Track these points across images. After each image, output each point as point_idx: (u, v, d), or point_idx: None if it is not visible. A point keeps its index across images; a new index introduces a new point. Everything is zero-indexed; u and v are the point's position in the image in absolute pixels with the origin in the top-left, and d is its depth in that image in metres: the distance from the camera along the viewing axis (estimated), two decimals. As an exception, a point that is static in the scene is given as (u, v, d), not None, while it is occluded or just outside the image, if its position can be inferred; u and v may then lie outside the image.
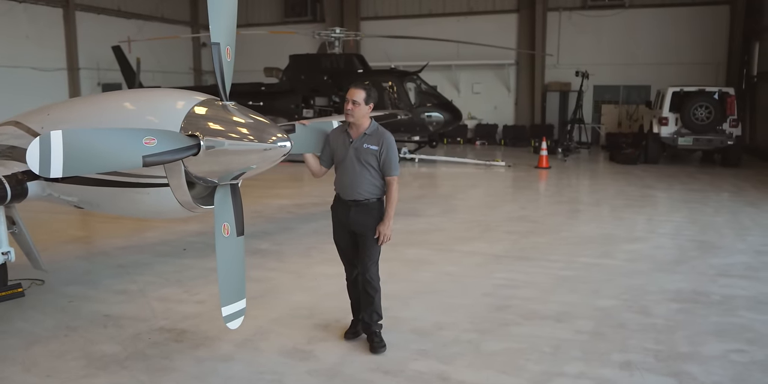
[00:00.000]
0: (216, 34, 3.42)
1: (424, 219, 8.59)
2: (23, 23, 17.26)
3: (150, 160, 3.19)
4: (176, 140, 3.30)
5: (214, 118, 3.46)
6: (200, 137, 3.39)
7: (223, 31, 3.46)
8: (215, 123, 3.44)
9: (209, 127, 3.42)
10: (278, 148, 3.39)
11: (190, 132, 3.42)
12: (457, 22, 20.42)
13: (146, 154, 3.16)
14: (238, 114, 3.48)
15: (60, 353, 4.16)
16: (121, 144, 3.10)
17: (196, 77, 24.04)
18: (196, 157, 3.40)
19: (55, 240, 7.27)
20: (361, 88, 4.02)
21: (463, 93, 21.02)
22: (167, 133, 3.31)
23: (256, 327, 4.59)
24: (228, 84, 3.54)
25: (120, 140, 3.11)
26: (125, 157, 3.12)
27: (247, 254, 6.70)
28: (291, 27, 20.54)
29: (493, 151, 17.99)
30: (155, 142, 3.20)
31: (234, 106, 3.52)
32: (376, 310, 4.22)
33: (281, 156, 3.44)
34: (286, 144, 3.40)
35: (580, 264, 6.32)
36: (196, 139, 3.39)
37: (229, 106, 3.51)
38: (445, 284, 5.67)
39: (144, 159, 3.15)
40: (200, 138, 3.39)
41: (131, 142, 3.13)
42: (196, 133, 3.39)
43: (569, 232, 7.83)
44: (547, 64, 19.77)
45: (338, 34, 15.50)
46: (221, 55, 3.46)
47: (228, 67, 3.52)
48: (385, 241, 4.15)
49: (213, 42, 3.42)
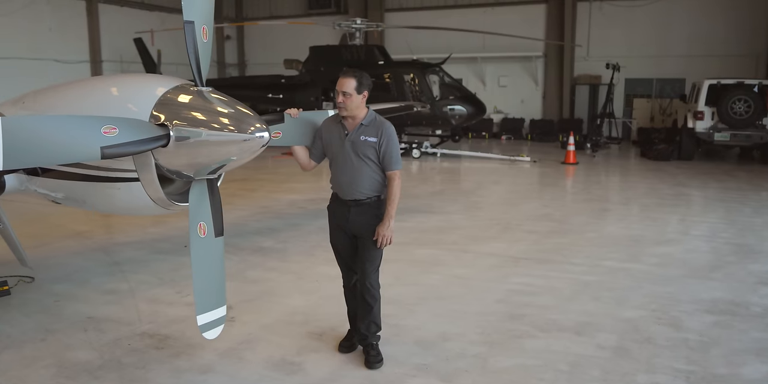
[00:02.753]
0: (189, 11, 3.04)
1: (439, 216, 8.15)
2: (46, 15, 17.23)
3: (110, 152, 2.83)
4: (141, 130, 2.94)
5: (187, 105, 3.09)
6: (169, 126, 3.03)
7: (198, 8, 3.08)
8: (188, 111, 3.07)
9: (181, 115, 3.05)
10: (256, 139, 3.00)
11: (161, 120, 3.06)
12: (484, 13, 19.81)
13: (105, 144, 2.80)
14: (214, 101, 3.10)
15: (32, 360, 3.86)
16: (75, 133, 2.75)
17: (219, 70, 23.87)
18: (166, 148, 3.04)
19: (55, 235, 7.04)
20: (351, 76, 3.59)
21: (489, 86, 20.44)
22: (131, 121, 2.95)
23: (245, 334, 4.24)
24: (205, 67, 3.16)
25: (74, 129, 2.75)
26: (80, 148, 2.76)
27: (249, 253, 6.47)
28: (314, 19, 20.17)
29: (518, 146, 17.39)
30: (116, 131, 2.84)
31: (211, 93, 3.15)
32: (374, 321, 3.82)
33: (260, 147, 3.05)
34: (264, 134, 3.01)
35: (605, 268, 5.83)
36: (165, 128, 3.03)
37: (205, 93, 3.13)
38: (455, 289, 5.24)
39: (102, 150, 2.80)
40: (169, 127, 3.03)
41: (88, 131, 2.77)
42: (165, 122, 3.03)
43: (594, 232, 7.32)
44: (577, 57, 19.05)
45: (359, 24, 15.06)
46: (195, 35, 3.08)
47: (204, 48, 3.14)
48: (386, 244, 3.74)
49: (186, 20, 3.04)
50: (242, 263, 6.01)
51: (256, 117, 3.07)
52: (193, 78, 3.14)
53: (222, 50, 23.87)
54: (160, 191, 3.28)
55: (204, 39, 3.14)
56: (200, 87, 3.14)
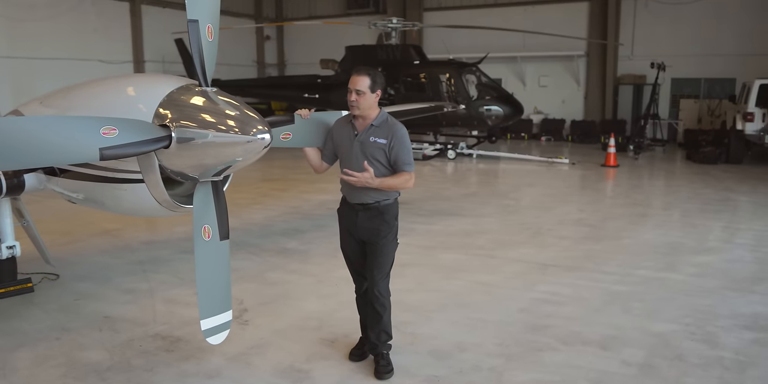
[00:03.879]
0: (194, 10, 2.96)
1: (468, 219, 7.95)
2: (91, 17, 17.68)
3: (109, 153, 2.78)
4: (142, 131, 2.88)
5: (190, 105, 3.02)
6: (171, 127, 2.96)
7: (203, 7, 3.00)
8: (191, 111, 2.99)
9: (184, 115, 2.98)
10: (258, 141, 2.91)
11: (163, 121, 3.00)
12: (524, 11, 19.40)
13: (104, 146, 2.75)
14: (218, 102, 3.02)
15: (44, 358, 3.87)
16: (73, 134, 2.70)
17: (259, 70, 24.12)
18: (168, 149, 2.98)
19: (85, 232, 7.15)
20: (364, 74, 3.47)
21: (529, 86, 20.01)
22: (132, 122, 2.90)
23: (256, 338, 4.17)
24: (210, 67, 3.08)
25: (73, 130, 2.71)
26: (78, 148, 2.72)
27: (272, 254, 6.41)
28: (351, 19, 20.14)
29: (558, 148, 16.96)
30: (116, 132, 2.79)
31: (215, 93, 3.07)
32: (384, 330, 3.68)
33: (262, 149, 2.96)
34: (266, 136, 2.91)
35: (638, 277, 5.54)
36: (167, 129, 2.97)
37: (210, 93, 3.06)
38: (477, 296, 5.06)
39: (101, 151, 2.75)
40: (171, 128, 2.96)
41: (86, 132, 2.73)
42: (167, 123, 2.97)
43: (630, 238, 7.00)
44: (620, 56, 18.45)
45: (395, 24, 14.92)
46: (200, 34, 3.00)
47: (210, 47, 3.07)
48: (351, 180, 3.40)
49: (190, 19, 2.97)
50: (264, 264, 5.96)
51: (259, 118, 2.97)
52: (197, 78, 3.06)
53: (262, 50, 24.10)
54: (164, 193, 3.22)
55: (209, 38, 3.06)
56: (204, 87, 3.07)
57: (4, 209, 4.81)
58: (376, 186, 3.45)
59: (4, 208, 4.81)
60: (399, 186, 3.54)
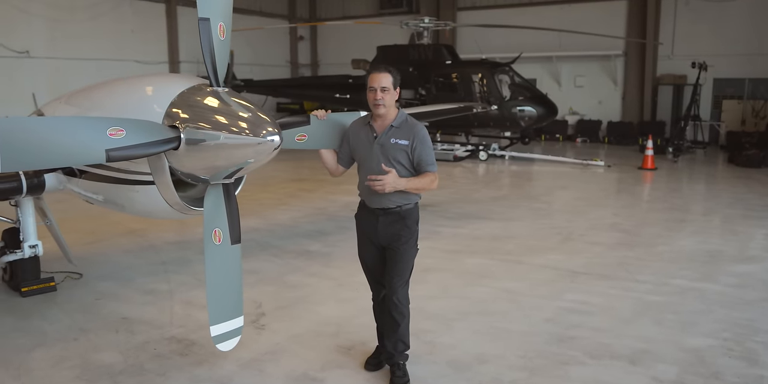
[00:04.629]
0: (205, 8, 2.88)
1: (497, 223, 7.75)
2: (129, 18, 17.97)
3: (115, 155, 2.72)
4: (150, 132, 2.82)
5: (201, 106, 2.94)
6: (180, 128, 2.89)
7: (214, 5, 2.92)
8: (201, 112, 2.92)
9: (193, 116, 2.90)
10: (267, 143, 2.81)
11: (174, 122, 2.93)
12: (560, 10, 18.98)
13: (110, 147, 2.69)
14: (229, 102, 2.93)
15: (59, 359, 3.86)
16: (80, 135, 2.65)
17: (292, 70, 24.21)
18: (177, 151, 2.90)
19: (111, 231, 7.20)
20: (385, 70, 3.36)
21: (565, 86, 19.57)
22: (141, 123, 2.83)
23: (272, 344, 4.08)
24: (222, 66, 3.00)
25: (79, 131, 2.65)
26: (84, 150, 2.67)
27: (294, 256, 6.33)
28: (383, 19, 20.04)
29: (594, 150, 16.53)
30: (123, 133, 2.73)
31: (227, 93, 2.98)
32: (401, 339, 3.55)
33: (272, 151, 2.86)
34: (275, 138, 2.81)
35: (673, 287, 5.28)
36: (176, 130, 2.89)
37: (221, 93, 2.97)
38: (501, 304, 4.88)
39: (107, 153, 2.69)
40: (180, 129, 2.89)
41: (93, 133, 2.67)
42: (176, 124, 2.90)
43: (666, 245, 6.71)
44: (660, 55, 17.89)
45: (426, 23, 14.75)
46: (211, 33, 2.92)
47: (221, 46, 2.98)
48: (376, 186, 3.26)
49: (201, 17, 2.89)
50: (285, 267, 5.88)
51: (270, 119, 2.87)
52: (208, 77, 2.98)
53: (295, 51, 24.19)
54: (175, 195, 3.15)
55: (221, 37, 2.98)
56: (216, 87, 2.98)
57: (27, 209, 4.85)
58: (402, 187, 3.32)
59: (27, 208, 4.84)
60: (425, 187, 3.41)
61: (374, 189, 3.30)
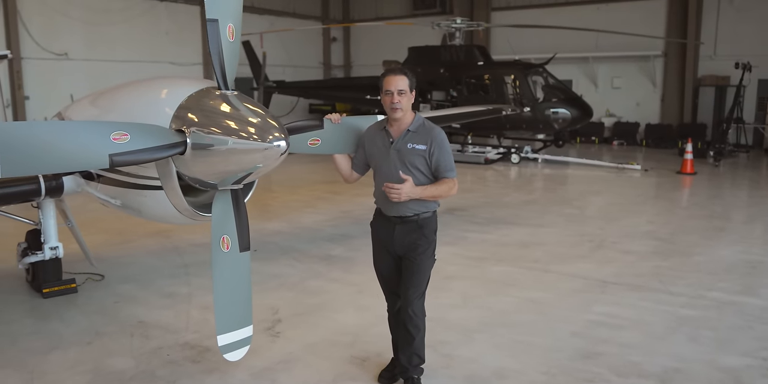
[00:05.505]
0: (213, 9, 2.80)
1: (525, 229, 7.52)
2: (163, 20, 18.25)
3: (119, 160, 2.65)
4: (156, 136, 2.74)
5: (208, 110, 2.85)
6: (186, 133, 2.81)
7: (223, 6, 2.83)
8: (209, 116, 2.83)
9: (200, 120, 2.82)
10: (274, 148, 2.71)
11: (181, 126, 2.85)
12: (597, 10, 18.53)
13: (114, 152, 2.63)
14: (236, 106, 2.84)
15: (73, 363, 3.84)
16: (83, 140, 2.59)
17: (325, 71, 24.26)
18: (184, 156, 2.82)
19: (139, 232, 7.22)
20: (401, 73, 3.25)
21: (602, 88, 19.09)
22: (147, 127, 2.76)
23: (285, 352, 3.99)
24: (231, 69, 2.91)
25: (82, 136, 2.59)
26: (87, 154, 2.60)
27: (316, 260, 6.24)
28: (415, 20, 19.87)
29: (631, 153, 16.07)
30: (128, 138, 2.66)
31: (235, 96, 2.89)
32: (416, 352, 3.41)
33: (278, 156, 2.76)
34: (281, 143, 2.71)
35: (710, 301, 5.00)
36: (182, 135, 2.81)
37: (230, 96, 2.88)
38: (526, 315, 4.69)
39: (111, 158, 2.62)
40: (187, 134, 2.80)
41: (96, 137, 2.61)
42: (183, 128, 2.82)
43: (704, 255, 6.39)
44: (702, 55, 17.28)
45: (459, 24, 14.55)
46: (220, 35, 2.83)
47: (231, 48, 2.89)
48: (392, 194, 3.16)
49: (209, 18, 2.80)
50: (306, 272, 5.80)
51: (277, 124, 2.77)
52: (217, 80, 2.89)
53: (328, 52, 24.23)
54: (183, 201, 3.08)
55: (230, 39, 2.88)
56: (225, 90, 2.89)
57: (48, 210, 4.87)
58: (418, 196, 3.20)
59: (49, 210, 4.86)
60: (443, 194, 3.27)
61: (390, 198, 3.18)
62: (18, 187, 4.15)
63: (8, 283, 5.38)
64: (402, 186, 3.15)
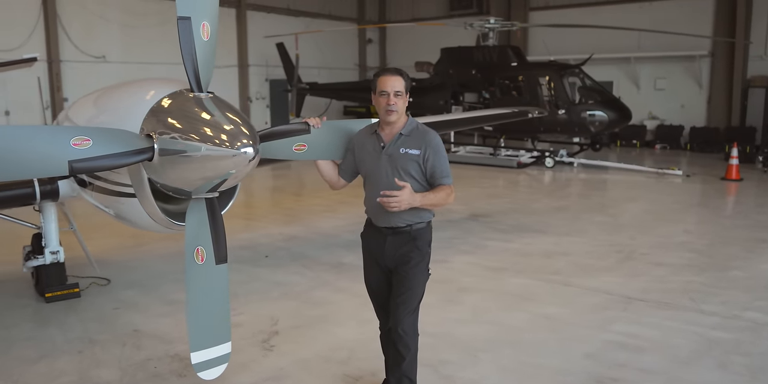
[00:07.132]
0: (185, 6, 2.62)
1: (550, 238, 7.16)
2: (199, 23, 18.43)
3: (79, 167, 2.49)
4: (121, 142, 2.58)
5: (178, 114, 2.67)
6: (154, 138, 2.63)
7: (196, 3, 2.65)
8: (178, 120, 2.65)
9: (169, 125, 2.64)
10: (241, 155, 2.51)
11: (150, 131, 2.68)
12: (640, 8, 17.84)
13: (74, 158, 2.47)
14: (209, 109, 2.65)
15: (58, 373, 3.73)
16: (41, 146, 2.44)
17: (360, 73, 24.15)
18: (152, 162, 2.65)
19: (152, 236, 7.11)
20: (397, 74, 3.05)
21: (644, 89, 18.37)
22: (111, 132, 2.60)
23: (275, 368, 3.79)
24: (206, 70, 2.72)
25: (40, 141, 2.44)
26: (45, 161, 2.45)
27: (326, 268, 6.04)
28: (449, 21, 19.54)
29: (674, 157, 15.38)
30: (89, 143, 2.50)
31: (209, 99, 2.70)
32: (406, 374, 3.15)
33: (247, 163, 2.56)
34: (248, 150, 2.51)
35: (745, 322, 4.58)
36: (149, 140, 2.64)
37: (204, 99, 2.69)
38: (538, 333, 4.37)
39: (71, 164, 2.47)
40: (154, 139, 2.63)
41: (54, 143, 2.46)
42: (151, 134, 2.65)
43: (742, 270, 5.93)
44: (751, 56, 16.41)
45: (492, 24, 14.18)
46: (192, 34, 2.66)
47: (205, 48, 2.71)
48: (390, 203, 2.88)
49: (180, 16, 2.63)
50: (314, 281, 5.61)
51: (248, 130, 2.57)
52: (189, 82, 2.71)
53: (364, 53, 24.13)
54: (156, 209, 2.92)
55: (204, 37, 2.70)
56: (198, 93, 2.71)
57: (49, 214, 4.81)
58: (419, 204, 2.95)
59: (50, 214, 4.80)
60: (440, 203, 3.02)
61: (388, 207, 2.93)
62: (13, 191, 4.09)
63: (15, 287, 5.36)
64: (401, 193, 2.90)
